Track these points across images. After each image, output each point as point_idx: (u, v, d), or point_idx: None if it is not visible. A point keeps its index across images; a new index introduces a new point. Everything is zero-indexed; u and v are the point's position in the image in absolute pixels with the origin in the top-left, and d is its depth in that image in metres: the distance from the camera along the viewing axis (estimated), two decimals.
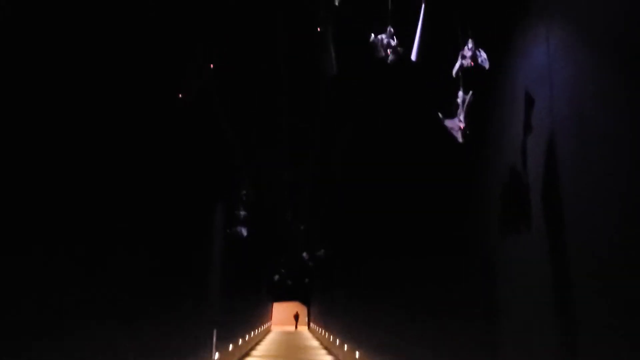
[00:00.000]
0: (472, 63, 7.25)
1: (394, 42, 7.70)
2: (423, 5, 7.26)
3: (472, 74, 7.29)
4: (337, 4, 7.90)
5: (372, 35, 7.65)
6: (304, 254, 22.13)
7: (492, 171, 8.10)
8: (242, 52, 8.71)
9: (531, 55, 6.99)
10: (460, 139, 7.40)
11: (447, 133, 7.53)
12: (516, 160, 7.35)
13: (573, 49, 6.21)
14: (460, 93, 7.33)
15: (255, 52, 8.64)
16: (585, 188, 5.80)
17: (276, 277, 35.61)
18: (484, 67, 7.20)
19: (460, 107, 7.30)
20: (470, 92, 7.24)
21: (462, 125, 7.25)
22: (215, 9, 8.17)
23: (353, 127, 9.61)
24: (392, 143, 10.66)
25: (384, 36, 7.71)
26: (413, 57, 7.20)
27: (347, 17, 7.96)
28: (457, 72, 7.40)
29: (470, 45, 7.29)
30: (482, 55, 7.21)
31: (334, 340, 27.39)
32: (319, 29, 7.74)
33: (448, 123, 7.50)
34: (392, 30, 7.70)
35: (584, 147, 5.88)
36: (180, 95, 8.05)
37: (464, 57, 7.34)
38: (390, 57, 7.74)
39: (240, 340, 24.63)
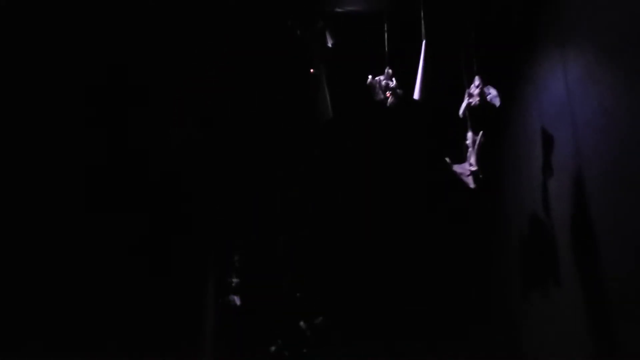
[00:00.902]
0: (481, 101, 6.52)
1: (392, 84, 7.02)
2: (424, 41, 6.60)
3: (481, 112, 6.55)
4: (330, 45, 7.31)
5: (370, 77, 6.98)
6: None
7: (509, 221, 7.24)
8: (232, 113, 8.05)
9: (547, 89, 6.25)
10: (472, 185, 6.58)
11: (457, 179, 6.72)
12: (537, 208, 6.52)
13: (594, 80, 5.46)
14: (470, 134, 6.57)
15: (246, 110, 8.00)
16: (617, 236, 4.94)
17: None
18: (495, 105, 6.46)
19: (471, 149, 6.53)
20: (481, 133, 6.48)
21: (473, 168, 6.45)
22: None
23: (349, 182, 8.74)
24: (393, 195, 9.69)
25: (381, 77, 7.04)
26: (416, 95, 6.49)
27: (342, 57, 7.33)
28: (464, 112, 6.67)
29: (477, 82, 6.58)
30: (492, 92, 6.48)
31: None
32: (312, 71, 7.08)
33: (457, 168, 6.70)
34: (390, 71, 7.03)
35: (613, 190, 5.05)
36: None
37: (470, 95, 6.63)
38: (390, 100, 7.04)
39: None
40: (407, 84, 6.86)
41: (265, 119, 8.03)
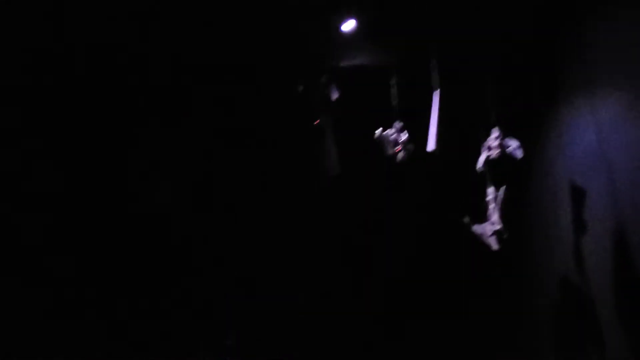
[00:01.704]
0: (501, 154, 5.99)
1: (403, 138, 6.51)
2: (437, 90, 6.12)
3: (502, 166, 6.00)
4: (334, 98, 6.87)
5: (378, 130, 6.48)
6: None
7: (539, 286, 6.53)
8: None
9: (575, 139, 5.72)
10: (495, 246, 5.95)
11: (478, 241, 6.10)
12: (570, 270, 5.85)
13: (628, 127, 4.95)
14: (491, 189, 5.99)
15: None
16: None
17: None
18: (517, 157, 5.92)
19: (492, 206, 5.93)
20: (503, 187, 5.91)
21: (496, 227, 5.83)
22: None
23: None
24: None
25: (391, 131, 6.54)
26: (429, 147, 5.97)
27: (350, 111, 6.86)
28: (481, 167, 6.12)
29: (496, 133, 6.06)
30: (513, 144, 5.95)
31: None
32: (316, 122, 6.61)
33: (478, 229, 6.09)
34: (399, 124, 6.54)
35: None
36: None
37: (489, 147, 6.10)
38: (400, 156, 6.51)
39: None
40: (418, 138, 6.39)
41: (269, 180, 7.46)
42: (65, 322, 6.42)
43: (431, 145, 5.95)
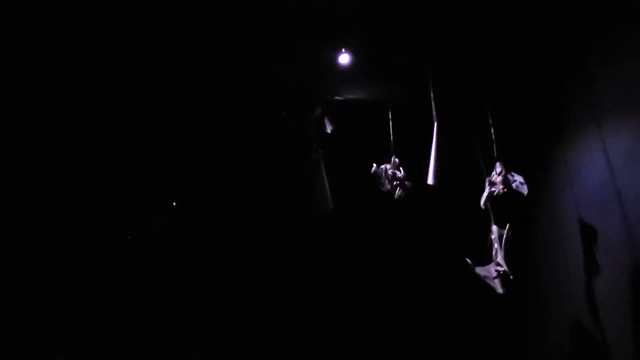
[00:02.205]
0: (505, 190, 5.61)
1: (400, 174, 6.14)
2: (436, 123, 5.78)
3: (506, 203, 5.62)
4: (329, 131, 6.55)
5: (374, 166, 6.12)
6: None
7: (548, 336, 6.04)
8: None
9: (584, 173, 5.35)
10: (500, 290, 5.50)
11: (482, 284, 5.65)
12: (582, 316, 5.37)
13: None
14: (495, 228, 5.59)
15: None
16: None
17: None
18: (522, 193, 5.54)
19: (497, 246, 5.51)
20: (508, 226, 5.51)
21: (501, 269, 5.40)
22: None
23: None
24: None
25: (388, 166, 6.18)
26: (429, 180, 5.59)
27: (345, 145, 6.53)
28: (485, 203, 5.73)
29: (499, 168, 5.70)
30: (517, 179, 5.59)
31: None
32: (311, 157, 6.27)
33: (481, 271, 5.66)
34: (397, 160, 6.18)
35: None
36: None
37: (492, 183, 5.72)
38: (398, 193, 6.12)
39: None
40: (416, 175, 6.03)
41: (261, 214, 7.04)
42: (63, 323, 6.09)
43: (431, 179, 5.57)
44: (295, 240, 7.01)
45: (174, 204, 6.72)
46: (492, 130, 5.82)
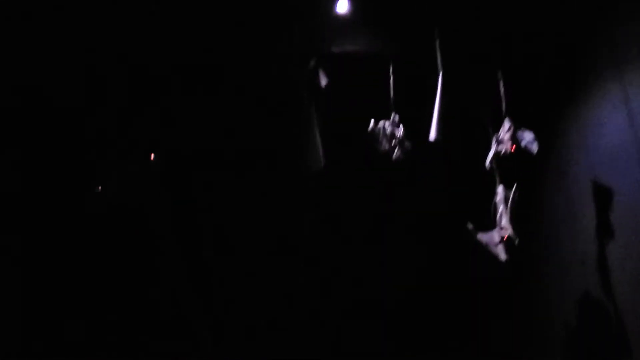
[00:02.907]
0: (513, 148, 5.16)
1: (399, 133, 5.68)
2: (441, 73, 5.29)
3: (513, 162, 5.17)
4: (323, 85, 6.06)
5: (372, 122, 5.66)
6: None
7: (551, 308, 5.63)
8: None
9: (601, 130, 4.89)
10: (503, 256, 5.09)
11: (484, 251, 5.22)
12: (590, 288, 4.96)
13: None
14: (500, 189, 5.14)
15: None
16: None
17: None
18: (531, 152, 5.08)
19: (502, 208, 5.08)
20: (515, 187, 5.06)
21: (506, 233, 4.97)
22: None
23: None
24: None
25: (387, 124, 5.72)
26: (431, 137, 5.14)
27: (340, 100, 6.04)
28: (491, 163, 5.29)
29: (507, 125, 5.24)
30: (527, 137, 5.13)
31: None
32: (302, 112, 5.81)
33: (483, 237, 5.23)
34: (397, 117, 5.72)
35: None
36: None
37: (499, 142, 5.27)
38: (396, 154, 5.67)
39: None
40: (417, 134, 5.56)
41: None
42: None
43: (433, 134, 5.12)
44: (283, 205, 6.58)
45: (152, 156, 6.19)
46: (502, 83, 5.35)
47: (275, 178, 6.30)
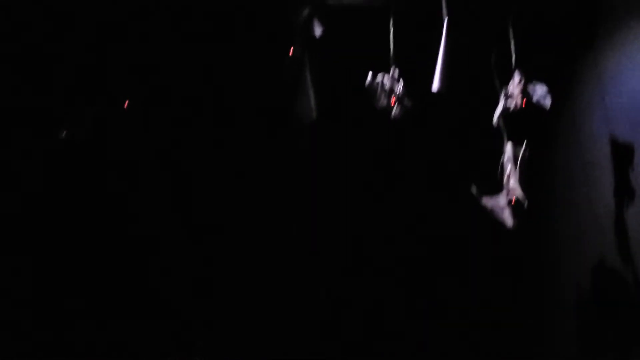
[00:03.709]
0: (524, 103, 4.68)
1: (399, 89, 5.21)
2: (446, 19, 4.79)
3: (523, 119, 4.70)
4: (317, 35, 5.59)
5: (370, 76, 5.19)
6: None
7: (567, 272, 5.20)
8: None
9: (621, 81, 4.40)
10: (510, 222, 4.65)
11: (489, 218, 4.78)
12: (607, 253, 4.53)
13: None
14: (509, 147, 4.67)
15: None
16: None
17: None
18: (544, 107, 4.61)
19: (510, 167, 4.62)
20: (525, 144, 4.59)
21: (516, 194, 4.52)
22: None
23: None
24: None
25: (386, 78, 5.24)
26: (434, 87, 4.67)
27: (335, 48, 5.56)
28: (498, 119, 4.82)
29: (517, 78, 4.75)
30: (539, 91, 4.65)
31: None
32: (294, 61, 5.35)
33: (488, 201, 4.77)
34: (397, 72, 5.24)
35: None
36: None
37: (509, 96, 4.79)
38: (395, 112, 5.21)
39: None
40: (418, 90, 5.09)
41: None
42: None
43: (437, 84, 4.65)
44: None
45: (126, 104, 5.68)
46: (511, 31, 4.85)
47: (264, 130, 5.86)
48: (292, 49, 5.33)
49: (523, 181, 4.50)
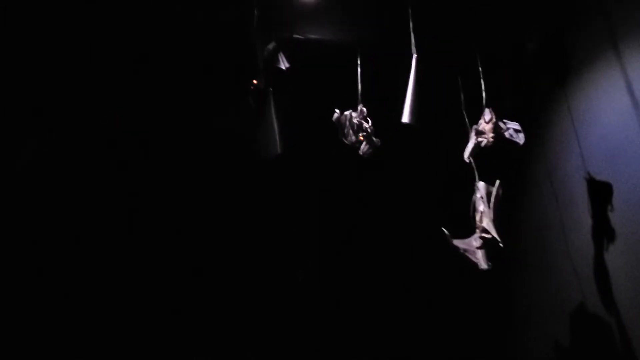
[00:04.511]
0: (495, 140, 4.52)
1: (367, 125, 5.03)
2: (414, 56, 4.63)
3: (496, 155, 4.53)
4: (284, 68, 5.39)
5: (336, 112, 5.02)
6: None
7: (541, 323, 4.95)
8: None
9: (598, 112, 4.25)
10: (483, 265, 4.40)
11: (462, 261, 4.54)
12: (586, 300, 4.30)
13: None
14: (481, 185, 4.47)
15: None
16: None
17: None
18: (517, 143, 4.45)
19: (482, 207, 4.40)
20: (498, 183, 4.40)
21: (488, 236, 4.28)
22: None
23: None
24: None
25: (353, 114, 5.07)
26: (404, 119, 4.47)
27: (301, 82, 5.38)
28: (470, 156, 4.63)
29: (487, 115, 4.61)
30: (511, 127, 4.51)
31: None
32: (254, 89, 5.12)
33: (460, 244, 4.53)
34: (364, 109, 5.08)
35: None
36: None
37: (480, 132, 4.63)
38: (364, 149, 5.03)
39: None
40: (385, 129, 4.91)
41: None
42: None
43: (406, 116, 4.45)
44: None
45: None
46: (480, 69, 4.73)
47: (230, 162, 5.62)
48: (254, 81, 5.08)
49: (496, 222, 4.28)
